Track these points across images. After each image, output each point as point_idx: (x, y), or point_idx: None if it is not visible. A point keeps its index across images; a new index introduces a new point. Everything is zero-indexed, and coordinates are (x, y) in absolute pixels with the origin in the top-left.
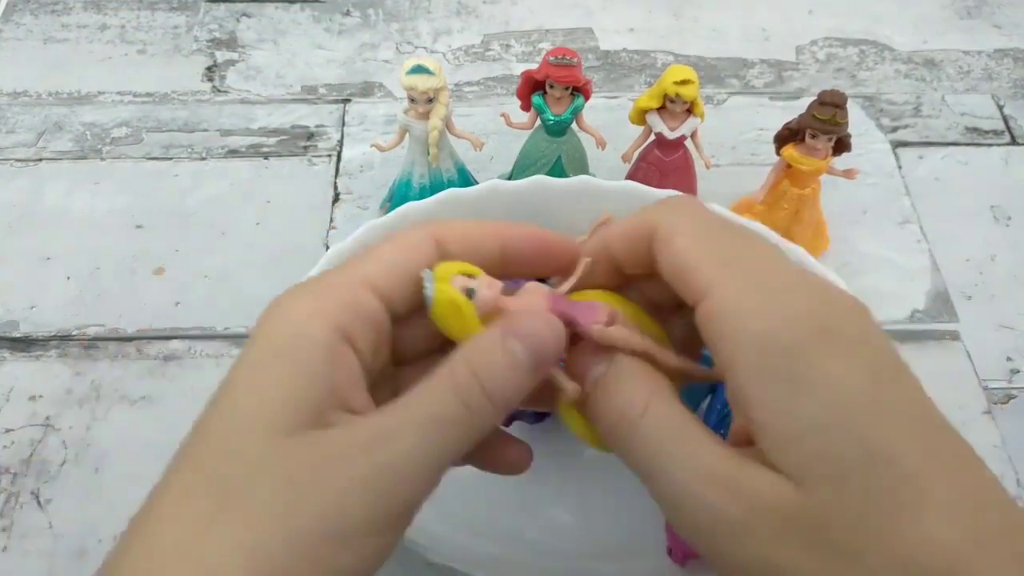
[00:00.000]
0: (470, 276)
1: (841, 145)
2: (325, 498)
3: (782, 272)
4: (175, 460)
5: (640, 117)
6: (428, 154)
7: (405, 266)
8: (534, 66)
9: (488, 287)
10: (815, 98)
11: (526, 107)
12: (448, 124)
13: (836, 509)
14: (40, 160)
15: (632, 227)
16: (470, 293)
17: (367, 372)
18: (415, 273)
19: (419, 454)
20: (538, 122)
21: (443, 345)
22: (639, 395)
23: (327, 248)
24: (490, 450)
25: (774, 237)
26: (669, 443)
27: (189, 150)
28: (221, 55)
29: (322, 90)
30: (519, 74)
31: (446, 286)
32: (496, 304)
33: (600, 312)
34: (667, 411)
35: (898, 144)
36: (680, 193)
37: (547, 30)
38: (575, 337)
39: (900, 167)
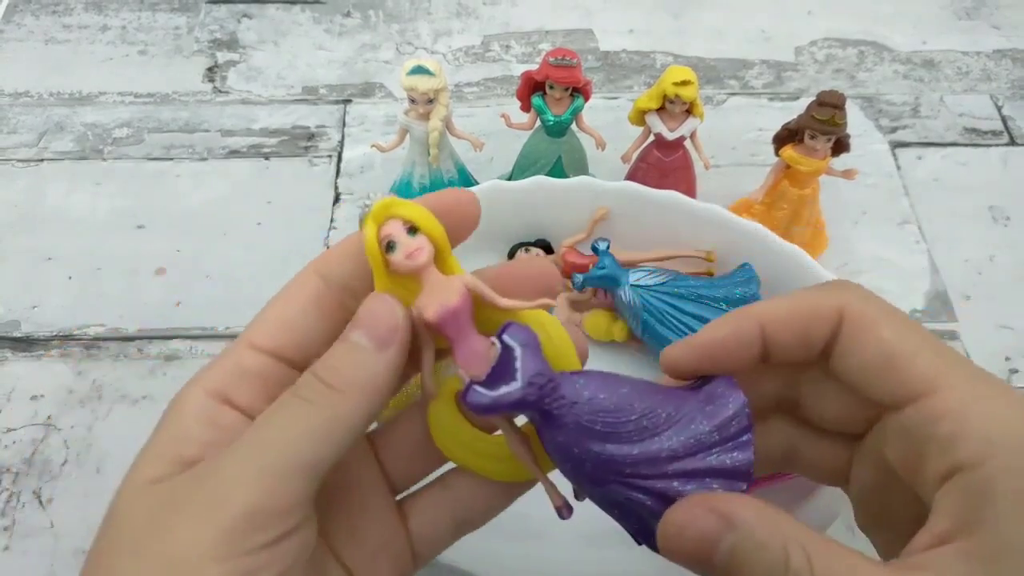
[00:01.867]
0: (412, 229)
1: (840, 146)
2: (170, 529)
3: (987, 373)
4: None
5: (639, 118)
6: (428, 155)
7: (293, 312)
8: (534, 67)
9: (408, 255)
10: (814, 99)
11: (526, 108)
12: (448, 125)
13: None
14: (42, 160)
15: (800, 308)
16: (391, 247)
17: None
18: (307, 310)
19: (254, 463)
20: (538, 123)
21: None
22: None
23: (328, 248)
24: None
25: (774, 237)
26: None
27: (190, 150)
28: (222, 56)
29: (323, 91)
30: (519, 75)
31: (373, 227)
32: (415, 273)
33: (478, 364)
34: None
35: (897, 145)
36: (844, 280)
37: (547, 31)
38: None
39: (899, 167)
